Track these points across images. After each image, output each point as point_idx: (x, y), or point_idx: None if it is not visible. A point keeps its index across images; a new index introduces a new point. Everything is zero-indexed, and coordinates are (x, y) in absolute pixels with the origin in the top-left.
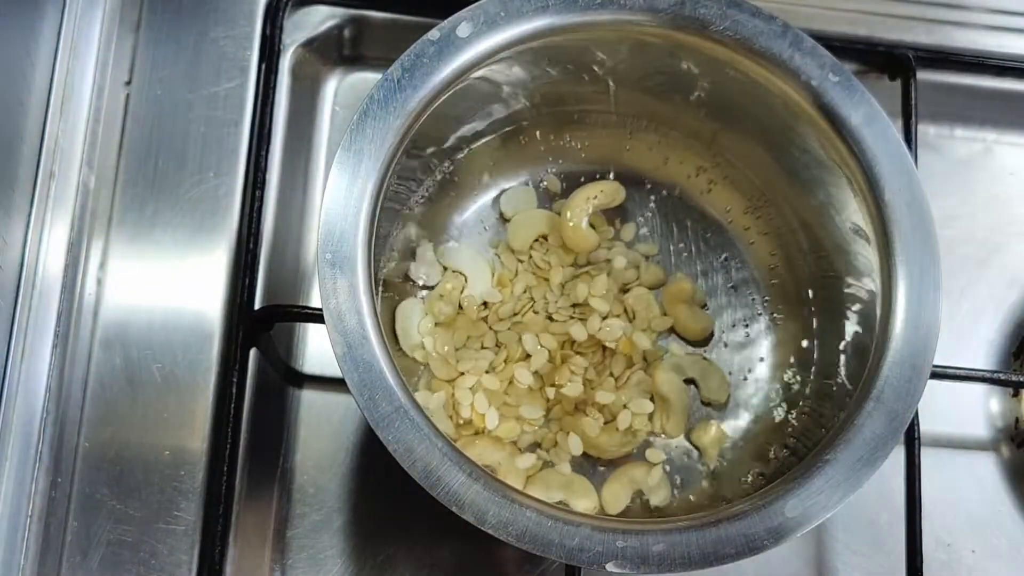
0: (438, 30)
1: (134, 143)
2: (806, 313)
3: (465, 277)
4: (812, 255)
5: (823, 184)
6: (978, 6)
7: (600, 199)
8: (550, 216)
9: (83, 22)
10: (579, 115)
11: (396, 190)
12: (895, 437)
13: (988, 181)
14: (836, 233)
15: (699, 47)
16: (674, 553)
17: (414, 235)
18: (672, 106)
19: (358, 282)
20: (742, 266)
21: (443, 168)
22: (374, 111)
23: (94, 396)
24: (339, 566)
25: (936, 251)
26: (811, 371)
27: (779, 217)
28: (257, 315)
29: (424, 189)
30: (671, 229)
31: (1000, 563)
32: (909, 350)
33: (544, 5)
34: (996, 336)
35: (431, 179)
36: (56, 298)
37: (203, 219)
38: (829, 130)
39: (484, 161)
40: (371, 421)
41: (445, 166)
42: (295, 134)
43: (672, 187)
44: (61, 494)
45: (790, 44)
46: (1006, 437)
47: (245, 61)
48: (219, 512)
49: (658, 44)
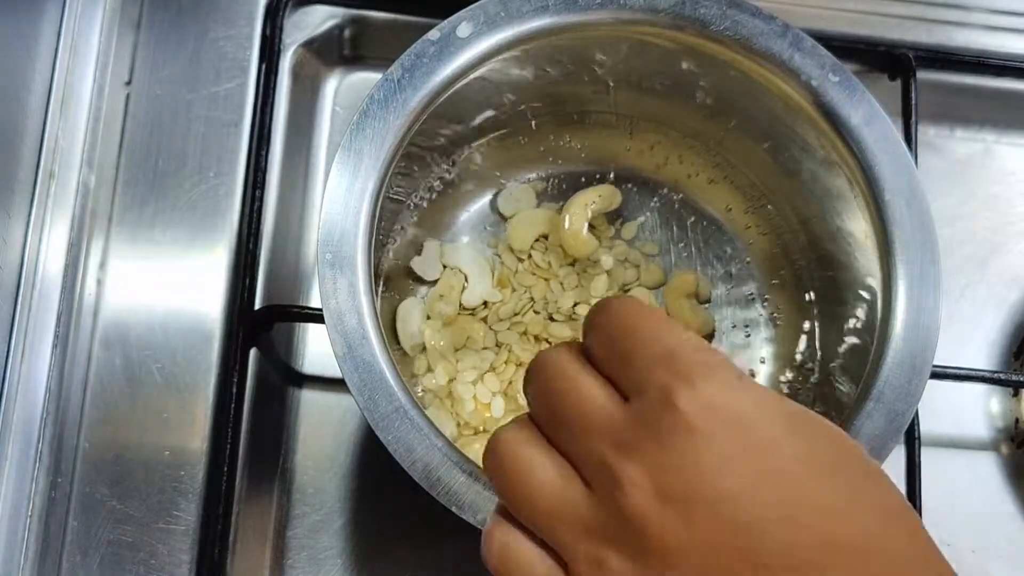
0: (438, 30)
1: (134, 143)
2: (806, 313)
3: (465, 276)
4: (812, 255)
5: (823, 184)
6: (978, 6)
7: (598, 204)
8: (550, 215)
9: (83, 22)
10: (579, 115)
11: (396, 189)
12: (895, 437)
13: (988, 181)
14: (836, 233)
15: (699, 47)
16: None
17: (414, 234)
18: (672, 106)
19: (358, 282)
20: (742, 266)
21: (443, 167)
22: (374, 111)
23: (94, 396)
24: (339, 566)
25: (936, 251)
26: (811, 371)
27: (779, 217)
28: (257, 315)
29: (424, 189)
30: (671, 229)
31: (1000, 563)
32: (909, 350)
33: (544, 5)
34: (996, 336)
35: (431, 178)
36: (56, 298)
37: (203, 219)
38: (829, 130)
39: (484, 161)
40: (371, 421)
41: (445, 166)
42: (295, 134)
43: (672, 187)
44: (61, 494)
45: (790, 44)
46: (1006, 437)
47: (245, 61)
48: (219, 512)
49: (658, 44)
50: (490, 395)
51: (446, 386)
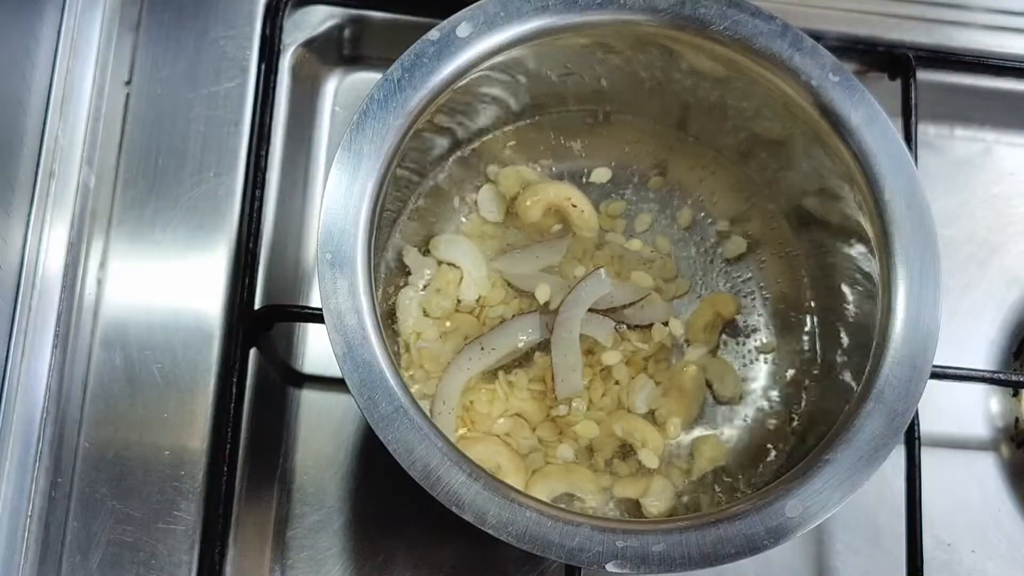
0: (438, 30)
1: (134, 143)
2: (807, 313)
3: (461, 270)
4: (812, 255)
5: (823, 184)
6: (978, 6)
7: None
8: (557, 186)
9: (83, 22)
10: (579, 115)
11: (396, 188)
12: (895, 437)
13: (988, 181)
14: (836, 233)
15: (699, 47)
16: (674, 553)
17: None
18: (672, 106)
19: (358, 282)
20: (742, 266)
21: (443, 167)
22: (374, 111)
23: (94, 396)
24: (339, 566)
25: (936, 251)
26: (812, 371)
27: (779, 216)
28: (257, 315)
29: (424, 188)
30: (671, 228)
31: (1000, 563)
32: (909, 350)
33: (544, 5)
34: (996, 336)
35: (431, 178)
36: (56, 298)
37: (203, 219)
38: (829, 130)
39: (484, 160)
40: (371, 421)
41: (445, 165)
42: (295, 134)
43: (672, 186)
44: (61, 494)
45: (790, 44)
46: (1006, 437)
47: (245, 61)
48: (219, 512)
49: (658, 44)
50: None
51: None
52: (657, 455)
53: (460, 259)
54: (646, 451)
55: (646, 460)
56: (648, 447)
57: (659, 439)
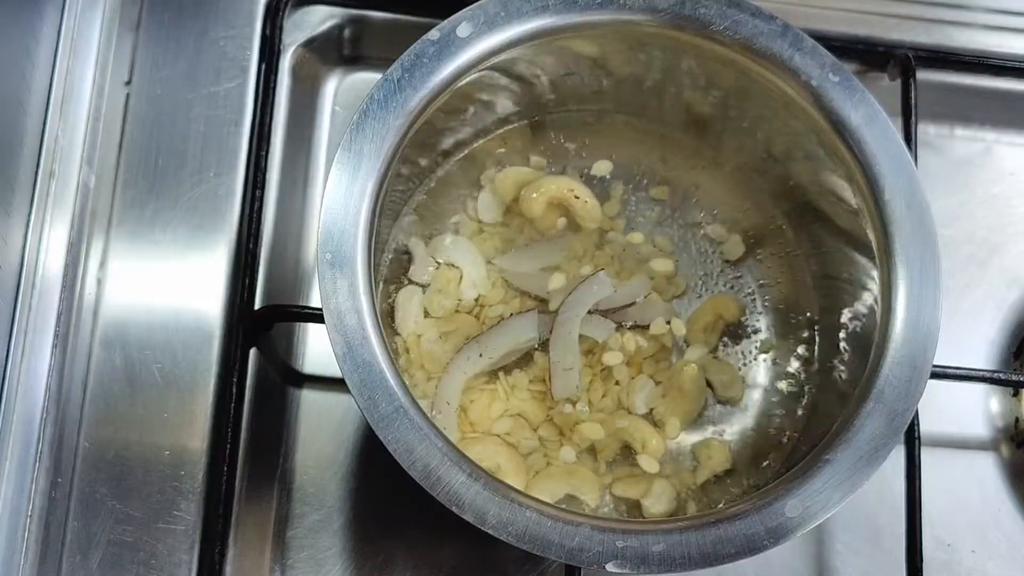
0: (438, 30)
1: (134, 143)
2: (807, 313)
3: (460, 270)
4: (812, 255)
5: (823, 184)
6: (978, 6)
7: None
8: (559, 180)
9: (83, 22)
10: (579, 115)
11: (396, 188)
12: (895, 437)
13: (988, 181)
14: (836, 233)
15: (699, 47)
16: (674, 553)
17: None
18: (671, 106)
19: (358, 282)
20: (742, 266)
21: (443, 167)
22: (374, 111)
23: (94, 396)
24: (339, 566)
25: (936, 251)
26: (812, 371)
27: (779, 216)
28: (257, 315)
29: (424, 188)
30: (671, 228)
31: (1000, 563)
32: (909, 350)
33: (544, 5)
34: (996, 336)
35: (431, 177)
36: (56, 298)
37: (203, 219)
38: (829, 130)
39: (484, 160)
40: (371, 421)
41: (445, 165)
42: (295, 134)
43: (671, 186)
44: (61, 494)
45: (790, 44)
46: (1006, 437)
47: (245, 61)
48: (219, 512)
49: (658, 44)
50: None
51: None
52: (657, 459)
53: (459, 259)
54: (645, 456)
55: (645, 465)
56: (648, 450)
57: (660, 441)
